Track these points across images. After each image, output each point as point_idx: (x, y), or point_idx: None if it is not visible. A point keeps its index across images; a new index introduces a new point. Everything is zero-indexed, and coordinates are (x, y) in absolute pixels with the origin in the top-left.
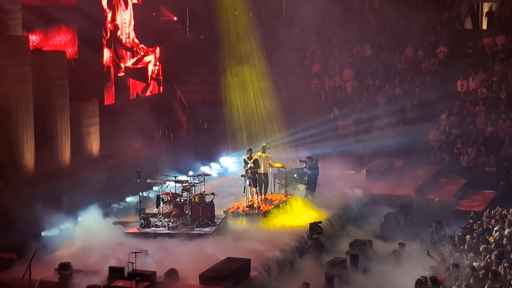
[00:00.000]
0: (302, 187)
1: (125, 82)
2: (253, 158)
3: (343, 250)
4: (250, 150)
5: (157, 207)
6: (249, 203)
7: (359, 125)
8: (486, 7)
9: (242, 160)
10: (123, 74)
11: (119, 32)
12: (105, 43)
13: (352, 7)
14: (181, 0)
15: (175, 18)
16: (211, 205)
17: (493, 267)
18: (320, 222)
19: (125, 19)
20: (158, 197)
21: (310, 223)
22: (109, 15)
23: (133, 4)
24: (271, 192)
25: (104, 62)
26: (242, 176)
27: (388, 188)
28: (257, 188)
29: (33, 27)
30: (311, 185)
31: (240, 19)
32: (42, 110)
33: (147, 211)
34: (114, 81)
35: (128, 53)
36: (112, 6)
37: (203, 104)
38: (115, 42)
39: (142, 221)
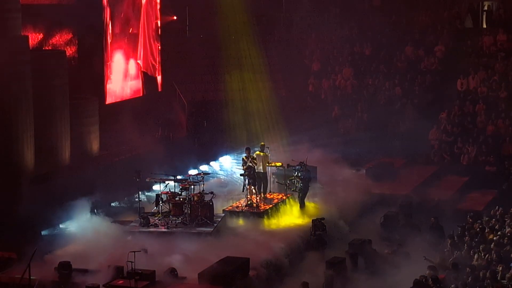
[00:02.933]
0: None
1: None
2: (252, 157)
3: (342, 249)
4: (248, 149)
5: (156, 206)
6: (249, 202)
7: (359, 124)
8: (486, 6)
9: (241, 159)
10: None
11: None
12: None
13: (352, 6)
14: None
15: (175, 18)
16: (210, 204)
17: (493, 267)
18: (323, 218)
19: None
20: (157, 196)
21: (312, 220)
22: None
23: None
24: (270, 191)
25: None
26: (241, 175)
27: (388, 187)
28: (256, 187)
29: (33, 26)
30: (302, 195)
31: (240, 18)
32: (42, 110)
33: (146, 210)
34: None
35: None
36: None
37: (203, 103)
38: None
39: (141, 220)
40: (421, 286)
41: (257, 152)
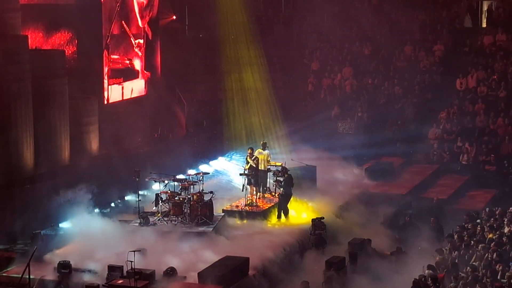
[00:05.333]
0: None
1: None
2: (254, 156)
3: (342, 248)
4: (251, 149)
5: (156, 206)
6: (248, 202)
7: (358, 124)
8: (485, 5)
9: (244, 159)
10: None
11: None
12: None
13: (351, 5)
14: None
15: (174, 17)
16: (209, 203)
17: (493, 266)
18: (323, 217)
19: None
20: (157, 195)
21: (312, 219)
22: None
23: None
24: (270, 191)
25: (105, 59)
26: (241, 174)
27: (387, 186)
28: (257, 186)
29: (33, 26)
30: (282, 202)
31: (239, 18)
32: (42, 109)
33: (146, 210)
34: (114, 80)
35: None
36: None
37: (202, 102)
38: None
39: (141, 219)
40: (421, 285)
41: (259, 150)
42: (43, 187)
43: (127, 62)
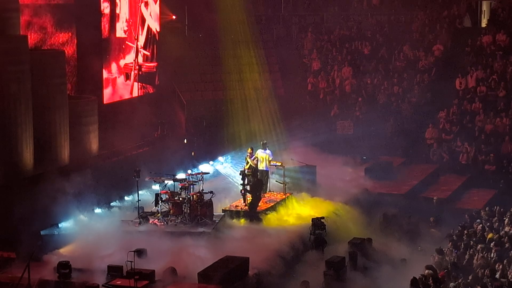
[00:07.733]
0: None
1: (124, 81)
2: (254, 155)
3: (342, 248)
4: (251, 149)
5: (155, 206)
6: (248, 202)
7: (357, 123)
8: (485, 5)
9: (244, 159)
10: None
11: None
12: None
13: (350, 5)
14: None
15: (174, 17)
16: (209, 203)
17: (492, 265)
18: (323, 217)
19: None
20: (156, 195)
21: (312, 219)
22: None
23: None
24: (269, 190)
25: (104, 60)
26: (240, 174)
27: (387, 186)
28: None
29: (32, 26)
30: (250, 206)
31: (239, 17)
32: (41, 109)
33: (145, 210)
34: (113, 80)
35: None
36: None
37: (202, 102)
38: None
39: (140, 219)
40: (419, 284)
41: (260, 150)
42: (42, 187)
43: (151, 65)
